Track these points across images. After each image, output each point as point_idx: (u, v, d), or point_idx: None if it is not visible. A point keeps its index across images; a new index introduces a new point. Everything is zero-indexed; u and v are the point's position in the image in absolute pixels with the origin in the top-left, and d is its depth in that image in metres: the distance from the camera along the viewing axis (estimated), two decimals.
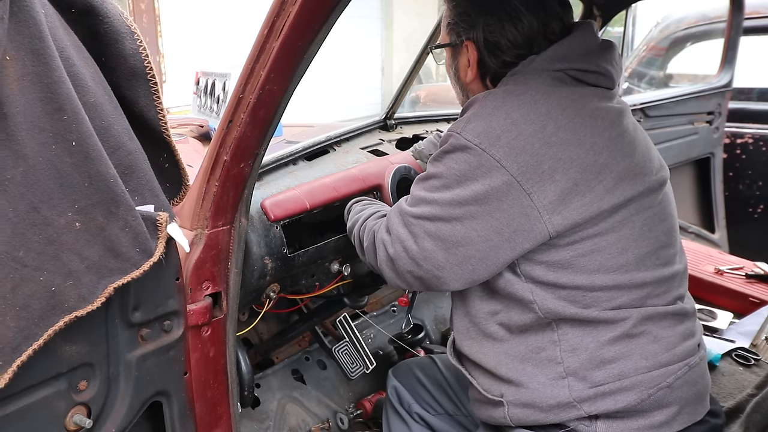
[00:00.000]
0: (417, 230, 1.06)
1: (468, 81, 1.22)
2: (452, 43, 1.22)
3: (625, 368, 1.04)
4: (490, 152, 0.99)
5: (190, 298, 1.12)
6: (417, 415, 1.49)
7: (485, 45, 1.15)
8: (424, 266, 1.06)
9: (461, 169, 1.02)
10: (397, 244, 1.10)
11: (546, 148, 0.99)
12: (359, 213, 1.36)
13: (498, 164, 0.98)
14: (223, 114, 1.06)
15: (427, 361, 1.56)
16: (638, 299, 1.06)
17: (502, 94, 1.06)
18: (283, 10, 0.91)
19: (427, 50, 1.97)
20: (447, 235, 1.03)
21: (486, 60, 1.16)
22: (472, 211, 1.01)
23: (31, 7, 0.77)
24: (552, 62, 1.10)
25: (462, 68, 1.22)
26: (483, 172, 0.99)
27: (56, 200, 0.82)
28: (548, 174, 0.98)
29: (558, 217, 0.99)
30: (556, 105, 1.03)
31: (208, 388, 1.19)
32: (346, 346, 1.90)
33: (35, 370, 0.89)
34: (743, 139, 3.33)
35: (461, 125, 1.04)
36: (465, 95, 1.26)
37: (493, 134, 1.00)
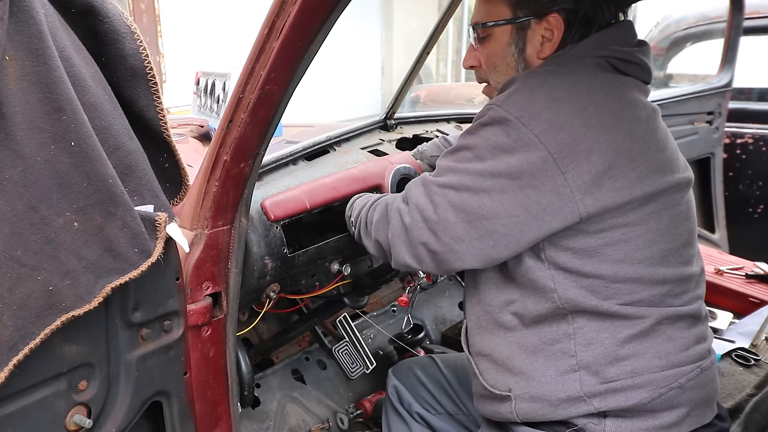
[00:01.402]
0: (439, 199, 1.04)
1: (541, 57, 1.15)
2: (525, 16, 1.13)
3: (638, 366, 1.03)
4: (530, 126, 0.97)
5: (190, 298, 1.12)
6: (417, 414, 1.49)
7: (584, 17, 1.10)
8: (443, 238, 1.03)
9: (498, 141, 1.00)
10: (415, 213, 1.07)
11: (585, 129, 0.98)
12: (367, 199, 1.35)
13: (536, 139, 0.97)
14: (223, 114, 1.06)
15: (428, 360, 1.56)
16: (658, 296, 1.05)
17: (544, 74, 1.05)
18: (283, 10, 0.91)
19: (427, 50, 1.97)
20: (472, 207, 1.01)
21: (572, 34, 1.11)
22: (502, 185, 0.99)
23: (31, 7, 0.77)
24: (595, 48, 1.08)
25: (533, 44, 1.14)
26: (520, 146, 0.98)
27: (55, 200, 0.82)
28: (584, 155, 0.97)
29: (590, 198, 0.98)
30: (598, 89, 1.03)
31: (208, 388, 1.19)
32: (346, 346, 1.90)
33: (35, 369, 0.89)
34: (743, 139, 3.33)
35: (502, 98, 1.02)
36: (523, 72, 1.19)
37: (534, 109, 0.98)
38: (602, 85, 1.04)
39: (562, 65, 1.08)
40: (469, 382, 1.43)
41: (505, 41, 1.16)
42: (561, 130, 0.97)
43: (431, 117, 2.24)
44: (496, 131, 1.00)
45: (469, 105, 5.13)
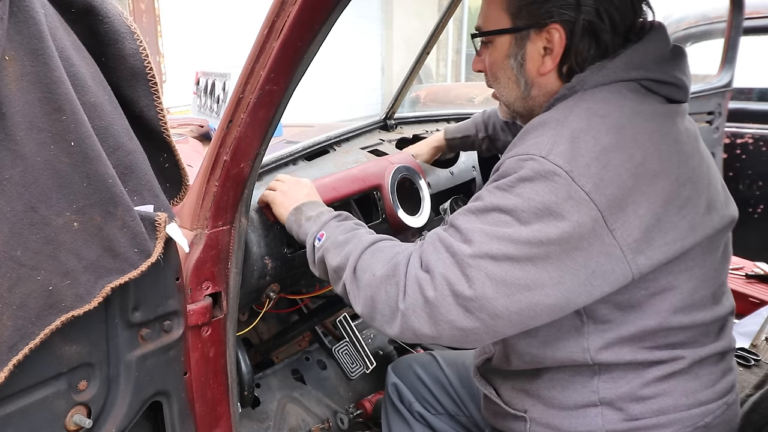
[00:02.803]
0: (475, 273, 0.88)
1: (542, 72, 1.02)
2: (515, 28, 1.01)
3: (665, 404, 0.97)
4: (580, 182, 0.85)
5: (190, 298, 1.12)
6: (418, 414, 1.47)
7: (587, 27, 0.97)
8: (477, 314, 0.89)
9: (544, 201, 0.86)
10: (442, 287, 0.90)
11: (633, 180, 0.88)
12: (348, 237, 1.12)
13: (587, 197, 0.85)
14: (223, 114, 1.06)
15: (428, 358, 1.53)
16: (693, 336, 0.98)
17: (585, 114, 0.92)
18: (283, 10, 0.91)
19: (427, 50, 1.97)
20: (514, 279, 0.87)
21: (579, 47, 0.98)
22: (549, 251, 0.86)
23: (31, 7, 0.77)
24: (627, 70, 0.97)
25: (533, 58, 1.02)
26: (571, 206, 0.85)
27: (54, 200, 0.82)
28: (632, 209, 0.87)
29: (642, 257, 0.88)
30: (643, 130, 0.92)
31: (208, 388, 1.19)
32: (346, 346, 1.90)
33: (35, 370, 0.89)
34: (743, 139, 3.33)
35: (545, 147, 0.88)
36: (527, 91, 1.06)
37: (583, 162, 0.86)
38: (646, 123, 0.93)
39: (599, 100, 0.95)
40: (472, 383, 1.42)
41: (505, 51, 1.05)
42: (610, 185, 0.86)
43: (431, 117, 2.24)
44: (540, 189, 0.86)
45: (469, 105, 5.13)
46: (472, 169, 2.04)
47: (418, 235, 1.70)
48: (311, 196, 1.31)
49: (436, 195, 1.83)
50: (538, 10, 0.98)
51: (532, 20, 1.00)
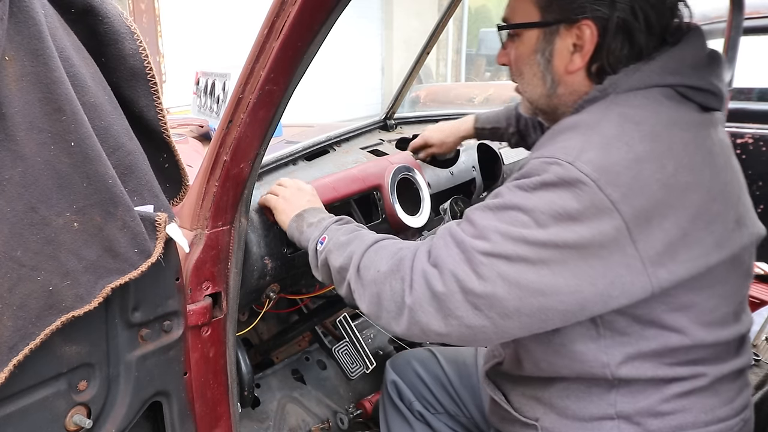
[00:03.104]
0: (487, 271, 0.86)
1: (570, 71, 0.97)
2: (555, 21, 0.96)
3: (684, 420, 0.94)
4: (606, 191, 0.82)
5: (190, 299, 1.12)
6: (418, 413, 1.45)
7: (621, 25, 0.92)
8: (486, 312, 0.86)
9: (565, 207, 0.83)
10: (451, 282, 0.88)
11: (662, 191, 0.84)
12: (351, 237, 1.10)
13: (612, 207, 0.82)
14: (223, 114, 1.06)
15: (427, 354, 1.51)
16: (714, 353, 0.95)
17: (618, 119, 0.88)
18: (283, 10, 0.91)
19: (427, 50, 1.97)
20: (527, 282, 0.84)
21: (611, 46, 0.93)
22: (565, 256, 0.83)
23: (31, 8, 0.77)
24: (663, 75, 0.92)
25: (561, 54, 0.97)
26: (592, 214, 0.82)
27: (54, 200, 0.82)
28: (658, 221, 0.84)
29: (663, 270, 0.85)
30: (678, 139, 0.88)
31: (208, 388, 1.19)
32: (346, 346, 1.90)
33: (35, 370, 0.89)
34: (743, 139, 3.33)
35: (572, 152, 0.85)
36: (552, 88, 1.01)
37: (613, 170, 0.83)
38: (682, 132, 0.89)
39: (635, 105, 0.91)
40: (472, 382, 1.41)
41: (532, 46, 1.00)
42: (639, 195, 0.83)
43: (431, 117, 2.24)
44: (563, 195, 0.83)
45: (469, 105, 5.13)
46: (472, 169, 2.04)
47: (418, 235, 1.70)
48: (313, 203, 1.30)
49: (436, 195, 1.83)
50: (569, 5, 0.94)
51: (562, 15, 0.95)
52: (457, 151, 2.04)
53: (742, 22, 2.39)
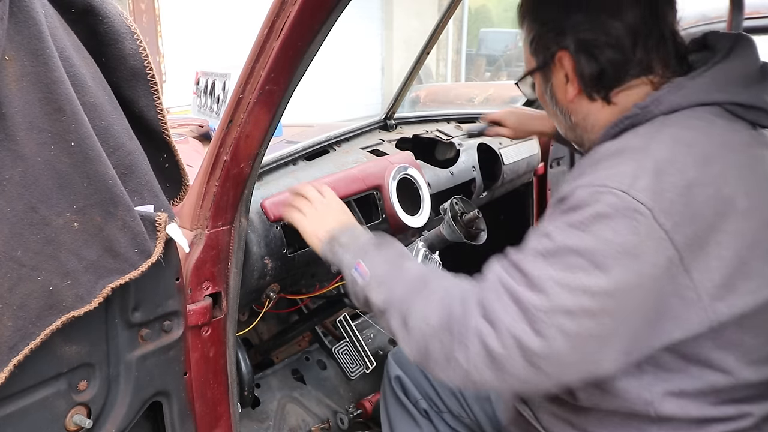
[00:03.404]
0: (546, 328, 0.79)
1: (570, 99, 1.00)
2: (540, 65, 1.02)
3: None
4: (660, 221, 0.78)
5: (190, 299, 1.12)
6: (424, 411, 1.40)
7: (581, 47, 0.95)
8: (545, 369, 0.80)
9: (625, 242, 0.77)
10: (509, 343, 0.81)
11: (716, 219, 0.80)
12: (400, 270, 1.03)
13: (665, 236, 0.78)
14: (223, 114, 1.06)
15: None
16: (761, 392, 0.89)
17: (670, 142, 0.84)
18: (283, 10, 0.91)
19: (427, 50, 1.97)
20: (589, 333, 0.79)
21: (584, 67, 0.95)
22: (627, 298, 0.79)
23: (31, 8, 0.77)
24: (710, 92, 0.89)
25: (559, 88, 1.01)
26: (648, 247, 0.78)
27: (54, 200, 0.82)
28: (715, 250, 0.80)
29: (722, 305, 0.80)
30: (732, 163, 0.84)
31: (208, 388, 1.19)
32: (346, 346, 1.90)
33: (35, 370, 0.89)
34: None
35: (625, 180, 0.80)
36: (568, 120, 1.04)
37: (666, 198, 0.78)
38: (735, 155, 0.85)
39: (684, 126, 0.87)
40: None
41: (540, 89, 1.06)
42: (692, 223, 0.79)
43: (431, 117, 2.24)
44: (620, 228, 0.78)
45: (469, 105, 5.13)
46: (472, 169, 2.04)
47: (419, 234, 1.70)
48: (341, 218, 1.22)
49: (436, 195, 1.83)
50: (542, 45, 1.00)
51: (544, 55, 1.01)
52: (457, 151, 2.04)
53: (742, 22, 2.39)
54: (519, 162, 2.24)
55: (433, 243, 1.43)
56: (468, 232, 1.40)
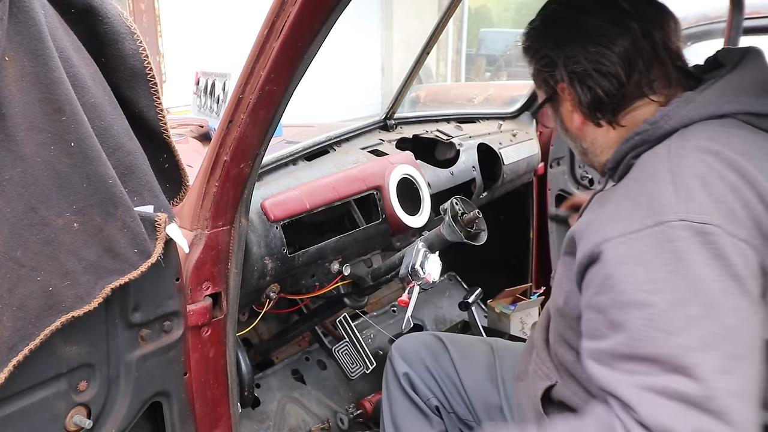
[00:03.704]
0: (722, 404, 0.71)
1: (577, 126, 1.04)
2: (548, 97, 1.07)
3: None
4: (733, 232, 0.76)
5: (190, 299, 1.12)
6: (436, 409, 1.37)
7: (575, 79, 0.98)
8: None
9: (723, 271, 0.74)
10: None
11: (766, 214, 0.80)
12: None
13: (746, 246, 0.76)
14: (223, 114, 1.06)
15: (437, 345, 1.41)
16: None
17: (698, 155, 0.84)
18: (283, 10, 0.91)
19: (427, 50, 1.97)
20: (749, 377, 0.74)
21: (582, 97, 0.99)
22: (749, 320, 0.75)
23: (31, 8, 0.77)
24: (719, 104, 0.89)
25: (566, 117, 1.06)
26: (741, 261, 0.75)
27: (54, 201, 0.82)
28: None
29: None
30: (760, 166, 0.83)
31: (208, 388, 1.19)
32: (346, 346, 1.90)
33: (35, 370, 0.88)
34: None
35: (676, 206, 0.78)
36: (579, 146, 1.08)
37: (724, 208, 0.78)
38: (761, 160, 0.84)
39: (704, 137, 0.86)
40: (485, 388, 1.32)
41: (552, 117, 1.11)
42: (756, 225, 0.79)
43: (431, 117, 2.24)
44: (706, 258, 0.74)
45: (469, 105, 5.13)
46: (472, 169, 2.04)
47: (419, 234, 1.70)
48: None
49: (436, 195, 1.83)
50: (542, 79, 1.05)
51: (545, 88, 1.06)
52: (457, 151, 2.04)
53: (742, 22, 2.39)
54: (519, 162, 2.24)
55: (433, 243, 1.43)
56: (468, 232, 1.40)
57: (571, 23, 0.99)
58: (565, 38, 0.99)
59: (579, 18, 0.98)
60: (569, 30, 0.99)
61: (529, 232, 2.49)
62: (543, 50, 1.03)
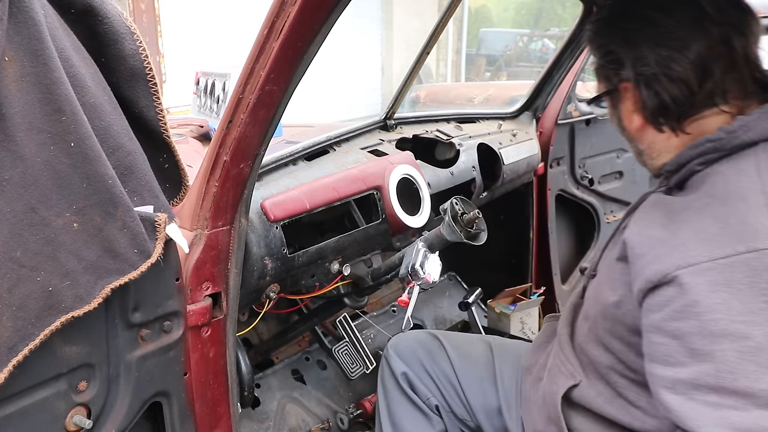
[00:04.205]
0: None
1: (636, 128, 0.99)
2: (607, 91, 1.02)
3: None
4: None
5: (190, 299, 1.12)
6: (436, 408, 1.36)
7: (642, 82, 0.93)
8: None
9: None
10: None
11: None
12: None
13: None
14: (223, 114, 1.06)
15: (434, 344, 1.40)
16: None
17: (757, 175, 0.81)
18: (283, 10, 0.91)
19: (427, 50, 1.97)
20: None
21: (647, 100, 0.94)
22: None
23: (31, 8, 0.77)
24: None
25: (625, 116, 1.01)
26: None
27: (54, 201, 0.82)
28: None
29: None
30: None
31: (208, 388, 1.19)
32: (346, 346, 1.90)
33: (35, 370, 0.88)
34: None
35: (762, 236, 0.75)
36: (635, 147, 1.04)
37: None
38: None
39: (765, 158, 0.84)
40: (483, 387, 1.32)
41: (609, 111, 1.06)
42: None
43: (431, 117, 2.24)
44: None
45: (469, 105, 5.13)
46: (472, 169, 2.04)
47: (418, 234, 1.70)
48: None
49: (436, 195, 1.83)
50: (605, 74, 1.00)
51: (606, 84, 1.01)
52: (457, 151, 2.04)
53: None
54: (519, 162, 2.24)
55: (433, 243, 1.43)
56: (468, 232, 1.40)
57: (644, 21, 0.93)
58: (635, 36, 0.93)
59: (654, 16, 0.92)
60: (641, 28, 0.93)
61: (529, 232, 2.49)
62: (609, 45, 0.97)
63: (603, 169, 2.66)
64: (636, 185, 2.77)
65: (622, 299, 0.93)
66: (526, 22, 12.52)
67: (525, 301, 2.36)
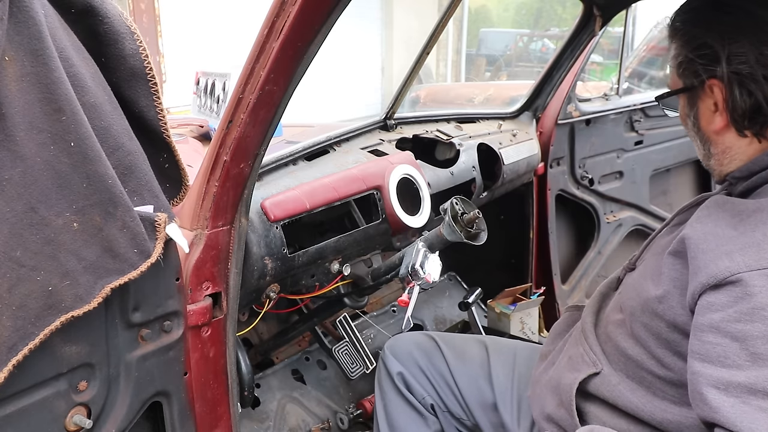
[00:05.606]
0: None
1: (716, 130, 0.95)
2: (687, 87, 0.97)
3: None
4: None
5: (190, 299, 1.12)
6: (432, 408, 1.36)
7: (736, 80, 0.89)
8: None
9: None
10: None
11: None
12: None
13: None
14: (223, 114, 1.06)
15: (430, 344, 1.41)
16: None
17: None
18: (283, 10, 0.91)
19: (427, 50, 1.97)
20: None
21: (737, 101, 0.90)
22: None
23: (31, 8, 0.77)
24: None
25: (704, 115, 0.97)
26: None
27: (54, 200, 0.82)
28: None
29: None
30: None
31: (208, 388, 1.19)
32: (346, 346, 1.90)
33: (35, 370, 0.88)
34: None
35: None
36: (707, 148, 1.00)
37: None
38: None
39: None
40: (479, 386, 1.32)
41: (683, 111, 1.02)
42: None
43: (431, 117, 2.24)
44: None
45: (469, 105, 5.13)
46: (472, 169, 2.04)
47: (418, 234, 1.70)
48: None
49: (436, 195, 1.83)
50: (691, 69, 0.95)
51: (692, 79, 0.96)
52: (457, 151, 2.04)
53: None
54: (519, 162, 2.24)
55: (433, 243, 1.43)
56: (468, 232, 1.40)
57: (747, 15, 0.89)
58: (735, 31, 0.89)
59: (755, 11, 0.88)
60: (743, 22, 0.88)
61: (529, 232, 2.49)
62: (703, 38, 0.92)
63: (603, 169, 2.67)
64: (636, 185, 2.77)
65: (666, 294, 0.92)
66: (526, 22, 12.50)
67: (525, 301, 2.36)
